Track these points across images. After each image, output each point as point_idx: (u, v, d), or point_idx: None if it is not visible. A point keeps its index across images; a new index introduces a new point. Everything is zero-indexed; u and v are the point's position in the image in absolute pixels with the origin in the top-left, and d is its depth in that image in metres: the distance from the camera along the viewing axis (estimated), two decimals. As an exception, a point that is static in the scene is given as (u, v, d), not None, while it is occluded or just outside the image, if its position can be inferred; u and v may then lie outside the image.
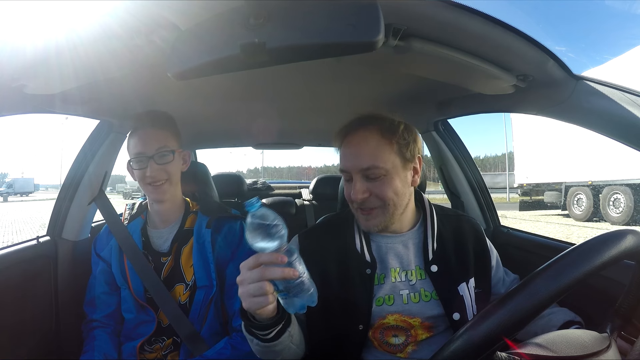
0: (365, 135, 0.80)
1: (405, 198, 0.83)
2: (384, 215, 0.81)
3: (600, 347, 0.50)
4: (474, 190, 1.48)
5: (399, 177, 0.80)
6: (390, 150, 0.79)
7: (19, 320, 1.06)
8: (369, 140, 0.79)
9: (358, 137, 0.81)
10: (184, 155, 1.10)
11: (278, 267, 0.56)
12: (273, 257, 0.56)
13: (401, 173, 0.81)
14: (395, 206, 0.81)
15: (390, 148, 0.79)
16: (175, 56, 0.58)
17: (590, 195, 8.96)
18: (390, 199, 0.79)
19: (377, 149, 0.79)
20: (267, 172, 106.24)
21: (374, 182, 0.79)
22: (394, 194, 0.79)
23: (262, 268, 0.56)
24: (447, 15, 0.59)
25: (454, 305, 0.80)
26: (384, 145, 0.79)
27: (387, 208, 0.80)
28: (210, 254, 1.03)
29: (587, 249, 0.49)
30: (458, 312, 0.80)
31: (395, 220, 0.84)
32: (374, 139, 0.79)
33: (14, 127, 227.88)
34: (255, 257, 0.57)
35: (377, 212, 0.81)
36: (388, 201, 0.79)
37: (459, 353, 0.44)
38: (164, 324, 1.02)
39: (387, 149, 0.79)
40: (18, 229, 10.68)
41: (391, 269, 0.84)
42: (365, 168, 0.78)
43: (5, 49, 0.64)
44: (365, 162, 0.78)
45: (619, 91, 0.71)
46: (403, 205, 0.83)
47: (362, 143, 0.80)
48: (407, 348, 0.81)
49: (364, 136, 0.80)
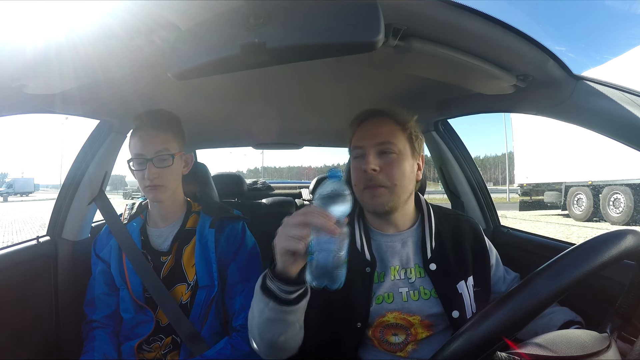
0: (381, 119, 0.87)
1: (410, 185, 0.86)
2: (390, 196, 0.83)
3: (600, 347, 0.50)
4: (474, 190, 1.48)
5: (408, 162, 0.85)
6: (403, 135, 0.86)
7: (19, 320, 1.07)
8: (386, 123, 0.86)
9: (375, 121, 0.87)
10: (186, 158, 1.09)
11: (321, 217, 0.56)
12: (323, 214, 0.57)
13: (410, 160, 0.86)
14: (401, 188, 0.83)
15: (403, 134, 0.86)
16: (175, 56, 0.58)
17: (590, 195, 8.96)
18: (398, 179, 0.82)
19: (392, 130, 0.85)
20: (267, 172, 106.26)
21: (386, 159, 0.83)
22: (402, 175, 0.83)
23: (308, 213, 0.57)
24: (447, 15, 0.59)
25: (453, 303, 0.81)
26: (398, 129, 0.86)
27: (394, 189, 0.82)
28: (213, 254, 1.03)
29: (587, 249, 0.49)
30: (457, 310, 0.80)
31: (399, 206, 0.85)
32: (389, 122, 0.87)
33: (14, 127, 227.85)
34: (306, 207, 0.59)
35: (383, 191, 0.83)
36: (395, 181, 0.82)
37: (459, 353, 0.44)
38: (163, 324, 1.02)
39: (401, 133, 0.86)
40: (18, 229, 10.68)
41: (391, 267, 0.84)
42: (380, 142, 0.84)
43: (5, 49, 0.64)
44: (382, 137, 0.84)
45: (619, 91, 0.71)
46: (407, 191, 0.85)
47: (380, 124, 0.87)
48: (407, 347, 0.81)
49: (380, 120, 0.87)
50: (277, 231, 0.60)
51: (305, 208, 0.59)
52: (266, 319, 0.66)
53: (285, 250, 0.59)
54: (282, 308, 0.63)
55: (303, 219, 0.57)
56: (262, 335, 0.69)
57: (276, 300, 0.63)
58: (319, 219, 0.56)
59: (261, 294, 0.65)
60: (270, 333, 0.67)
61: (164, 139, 1.01)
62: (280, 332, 0.67)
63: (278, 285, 0.63)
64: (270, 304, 0.64)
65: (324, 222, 0.56)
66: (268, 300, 0.64)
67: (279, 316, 0.65)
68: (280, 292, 0.63)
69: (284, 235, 0.59)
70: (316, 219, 0.56)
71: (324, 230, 0.56)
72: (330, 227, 0.56)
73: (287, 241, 0.58)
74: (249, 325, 0.73)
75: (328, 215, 0.57)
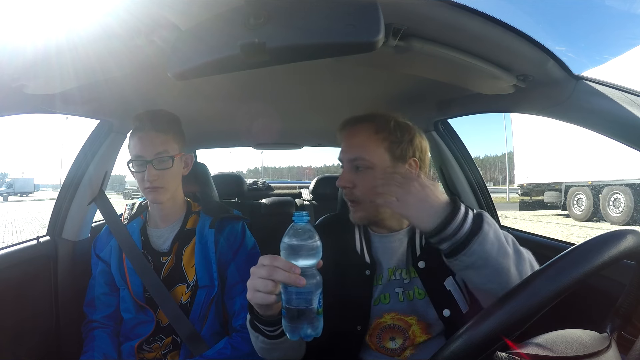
0: (359, 128, 0.85)
1: None
2: (368, 210, 0.82)
3: (600, 347, 0.50)
4: (474, 190, 1.48)
5: None
6: (379, 145, 0.82)
7: (19, 320, 1.07)
8: (361, 134, 0.84)
9: (353, 130, 0.86)
10: (186, 159, 1.09)
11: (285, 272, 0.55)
12: (287, 265, 0.55)
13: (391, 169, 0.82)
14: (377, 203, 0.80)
15: (381, 143, 0.82)
16: (176, 56, 0.58)
17: (590, 195, 8.96)
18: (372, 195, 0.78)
19: (367, 142, 0.82)
20: (267, 172, 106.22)
21: (360, 174, 0.82)
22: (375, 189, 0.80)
23: (273, 267, 0.56)
24: (447, 15, 0.59)
25: (442, 302, 0.79)
26: (375, 140, 0.82)
27: (371, 204, 0.80)
28: (212, 254, 1.03)
29: (587, 249, 0.49)
30: (448, 309, 0.79)
31: (385, 216, 0.84)
32: (366, 133, 0.83)
33: (14, 127, 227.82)
34: (272, 257, 0.57)
35: (359, 207, 0.83)
36: (370, 196, 0.78)
37: (459, 353, 0.44)
38: (163, 324, 1.02)
39: (377, 144, 0.82)
40: (18, 229, 10.69)
41: (387, 268, 0.84)
42: (352, 159, 0.82)
43: (5, 49, 0.64)
44: (354, 152, 0.83)
45: (619, 91, 0.71)
46: None
47: (355, 136, 0.84)
48: (404, 352, 0.80)
49: (357, 129, 0.85)
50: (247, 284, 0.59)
51: (269, 258, 0.57)
52: (260, 348, 0.69)
53: (256, 304, 0.60)
54: (272, 341, 0.66)
55: (268, 273, 0.56)
56: (263, 355, 0.72)
57: (264, 335, 0.66)
58: (282, 274, 0.54)
59: (250, 328, 0.68)
60: (269, 356, 0.70)
61: (164, 141, 1.00)
62: (279, 355, 0.70)
63: (261, 327, 0.65)
64: (260, 337, 0.67)
65: (288, 277, 0.54)
66: (257, 334, 0.67)
67: (272, 346, 0.67)
68: (265, 330, 0.65)
69: (252, 289, 0.58)
70: (279, 275, 0.55)
71: (289, 283, 0.54)
72: (295, 280, 0.54)
73: (256, 295, 0.58)
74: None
75: (293, 267, 0.55)
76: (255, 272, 0.58)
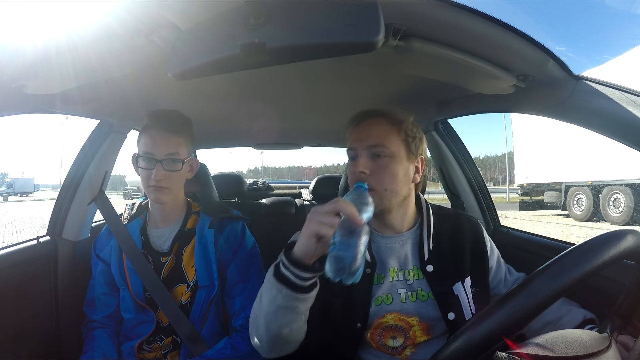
0: (380, 119, 0.86)
1: (404, 190, 0.85)
2: (379, 200, 0.81)
3: (600, 347, 0.50)
4: (474, 190, 1.48)
5: (401, 165, 0.83)
6: (397, 136, 0.84)
7: (19, 320, 1.06)
8: (383, 124, 0.86)
9: (369, 122, 0.87)
10: (192, 163, 1.08)
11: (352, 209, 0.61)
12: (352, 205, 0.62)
13: (405, 163, 0.84)
14: (391, 193, 0.82)
15: (398, 135, 0.84)
16: (176, 56, 0.58)
17: (590, 195, 8.96)
18: (388, 183, 0.81)
19: (386, 131, 0.84)
20: (267, 172, 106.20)
21: (378, 162, 0.82)
22: (392, 179, 0.82)
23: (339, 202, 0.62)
24: (447, 15, 0.59)
25: (449, 305, 0.81)
26: (395, 131, 0.85)
27: (384, 193, 0.81)
28: (212, 254, 1.03)
29: (587, 249, 0.49)
30: (453, 312, 0.80)
31: (392, 209, 0.84)
32: (387, 123, 0.86)
33: (14, 127, 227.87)
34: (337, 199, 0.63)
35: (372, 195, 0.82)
36: (385, 185, 0.81)
37: (459, 353, 0.44)
38: (163, 324, 1.02)
39: (395, 135, 0.84)
40: (18, 229, 10.68)
41: (390, 268, 0.84)
42: (372, 145, 0.83)
43: (5, 49, 0.64)
44: (374, 139, 0.83)
45: (619, 91, 0.71)
46: (400, 195, 0.84)
47: (374, 125, 0.86)
48: (405, 351, 0.81)
49: (378, 120, 0.86)
50: (307, 216, 0.64)
51: (334, 200, 0.63)
52: (277, 306, 0.67)
53: (315, 233, 0.61)
54: (295, 295, 0.64)
55: (334, 207, 0.62)
56: (268, 326, 0.69)
57: (290, 286, 0.64)
58: (349, 208, 0.61)
59: (274, 280, 0.66)
60: (277, 323, 0.68)
61: (177, 143, 1.00)
62: (288, 322, 0.68)
63: (294, 271, 0.64)
64: (283, 290, 0.65)
65: (353, 211, 0.61)
66: (282, 287, 0.65)
67: (290, 304, 0.66)
68: (295, 278, 0.64)
69: (315, 220, 0.62)
70: (346, 208, 0.61)
71: (351, 218, 0.60)
72: (357, 217, 0.60)
73: (318, 225, 0.61)
74: (254, 318, 0.73)
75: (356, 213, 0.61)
76: (319, 209, 0.63)
